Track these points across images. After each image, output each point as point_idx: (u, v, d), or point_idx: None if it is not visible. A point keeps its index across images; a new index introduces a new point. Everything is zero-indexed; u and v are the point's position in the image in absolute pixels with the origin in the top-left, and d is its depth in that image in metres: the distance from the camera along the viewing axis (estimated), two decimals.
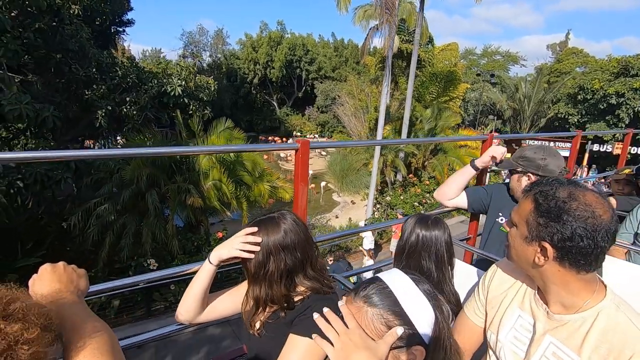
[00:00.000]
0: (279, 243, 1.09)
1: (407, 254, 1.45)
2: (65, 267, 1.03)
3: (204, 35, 40.78)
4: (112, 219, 7.88)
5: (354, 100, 25.72)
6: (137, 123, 9.42)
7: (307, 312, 1.10)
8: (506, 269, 1.16)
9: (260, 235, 1.10)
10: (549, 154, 1.77)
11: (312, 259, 1.16)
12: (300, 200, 1.42)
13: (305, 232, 1.15)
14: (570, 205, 0.86)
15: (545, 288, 0.97)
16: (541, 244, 0.89)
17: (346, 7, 11.94)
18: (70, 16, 9.39)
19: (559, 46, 41.31)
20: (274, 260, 1.09)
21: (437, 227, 1.48)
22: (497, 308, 1.11)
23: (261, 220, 1.15)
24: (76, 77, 9.57)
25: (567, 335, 0.91)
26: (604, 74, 23.21)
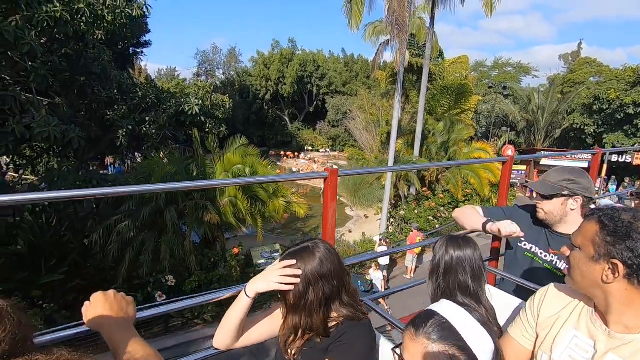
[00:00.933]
0: (316, 272, 1.12)
1: (444, 272, 1.49)
2: (116, 295, 1.11)
3: (217, 53, 41.95)
4: (132, 236, 8.05)
5: (365, 114, 25.91)
6: (156, 142, 9.71)
7: (343, 338, 1.14)
8: (559, 291, 1.18)
9: (298, 266, 1.14)
10: (585, 177, 1.76)
11: (346, 286, 1.20)
12: (329, 226, 1.48)
13: (339, 260, 1.19)
14: (637, 225, 0.91)
15: (607, 308, 0.99)
16: (611, 261, 0.93)
17: (357, 25, 12.19)
18: (94, 41, 9.86)
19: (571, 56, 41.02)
20: (313, 289, 1.12)
21: (469, 246, 1.52)
22: (549, 329, 1.13)
23: (297, 251, 1.18)
24: (98, 98, 9.98)
25: (631, 354, 0.93)
26: (620, 84, 22.86)
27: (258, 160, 10.21)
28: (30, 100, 7.02)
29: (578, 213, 1.73)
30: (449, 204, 15.13)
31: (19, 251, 7.55)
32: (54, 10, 6.37)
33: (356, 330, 1.16)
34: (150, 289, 7.80)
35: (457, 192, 15.11)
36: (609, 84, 24.18)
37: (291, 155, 34.48)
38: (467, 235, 1.60)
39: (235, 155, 9.31)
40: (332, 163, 31.59)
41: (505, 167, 2.16)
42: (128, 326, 1.04)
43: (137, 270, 8.02)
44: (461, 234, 1.61)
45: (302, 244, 1.21)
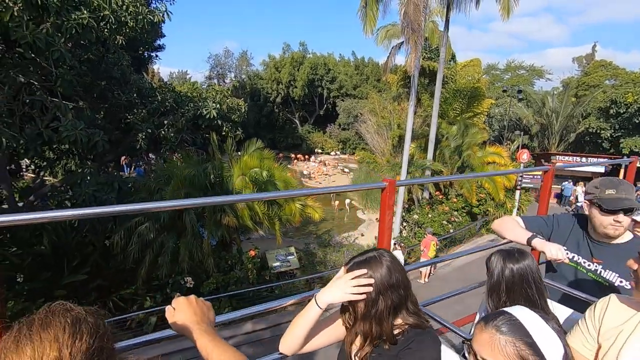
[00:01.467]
0: (386, 281, 1.15)
1: (507, 289, 1.49)
2: (197, 300, 1.16)
3: (229, 57, 42.41)
4: (151, 238, 8.19)
5: (376, 117, 25.88)
6: (174, 145, 9.87)
7: (412, 345, 1.17)
8: (621, 302, 1.19)
9: (369, 274, 1.17)
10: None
11: (410, 295, 1.24)
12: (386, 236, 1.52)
13: (403, 269, 1.22)
14: None
15: None
16: None
17: (372, 30, 12.25)
18: (115, 46, 10.08)
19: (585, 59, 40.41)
20: (383, 298, 1.15)
21: (525, 257, 1.52)
22: (613, 340, 1.15)
23: (365, 260, 1.21)
24: (118, 102, 10.19)
25: None
26: (637, 87, 22.47)
27: (273, 163, 10.30)
28: (57, 105, 7.20)
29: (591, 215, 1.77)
30: (462, 208, 15.03)
31: (43, 251, 7.74)
32: (81, 18, 6.54)
33: (424, 338, 1.19)
34: (169, 290, 7.92)
35: (471, 197, 15.00)
36: (625, 87, 23.77)
37: (301, 157, 34.59)
38: (520, 248, 1.61)
39: (252, 159, 9.40)
40: (342, 166, 31.59)
41: (546, 176, 2.16)
42: (212, 331, 1.09)
43: (156, 272, 8.15)
44: (514, 248, 1.62)
45: (367, 253, 1.24)
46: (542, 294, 1.51)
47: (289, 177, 10.18)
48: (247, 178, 9.04)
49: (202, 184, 8.87)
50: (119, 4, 7.87)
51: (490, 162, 16.39)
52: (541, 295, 1.51)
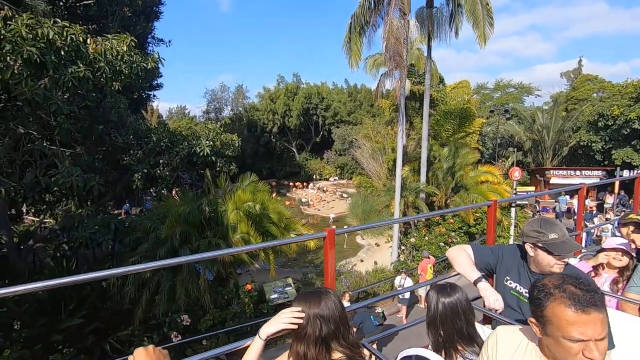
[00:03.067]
0: (317, 312, 1.36)
1: (441, 321, 1.69)
2: (155, 350, 1.33)
3: (225, 91, 43.67)
4: (147, 277, 8.27)
5: (370, 142, 26.38)
6: (169, 183, 10.14)
7: None
8: (508, 333, 1.36)
9: (303, 304, 1.38)
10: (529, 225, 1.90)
11: (344, 334, 1.41)
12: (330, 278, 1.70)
13: (341, 312, 1.41)
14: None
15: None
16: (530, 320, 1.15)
17: (357, 63, 12.81)
18: (111, 92, 10.57)
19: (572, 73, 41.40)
20: (312, 325, 1.35)
21: (456, 291, 1.74)
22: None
23: (308, 293, 1.45)
24: (115, 144, 10.56)
25: None
26: (623, 99, 23.01)
27: (267, 196, 10.51)
28: (54, 152, 7.52)
29: (537, 256, 1.88)
30: (459, 229, 15.07)
31: (40, 297, 7.81)
32: (77, 71, 6.98)
33: None
34: (166, 329, 7.91)
35: (468, 217, 15.08)
36: (612, 99, 24.34)
37: (300, 185, 34.86)
38: (452, 283, 1.81)
39: (245, 193, 9.63)
40: (340, 191, 31.79)
41: (490, 210, 2.35)
42: None
43: (153, 311, 8.17)
44: (447, 283, 1.82)
45: (317, 289, 1.48)
46: (470, 323, 1.70)
47: (282, 208, 10.36)
48: (241, 212, 9.23)
49: (197, 220, 9.05)
50: (114, 55, 8.37)
51: (483, 181, 16.60)
52: (470, 324, 1.70)
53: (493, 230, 2.36)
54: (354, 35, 12.45)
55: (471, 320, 1.71)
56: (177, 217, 8.62)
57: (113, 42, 8.22)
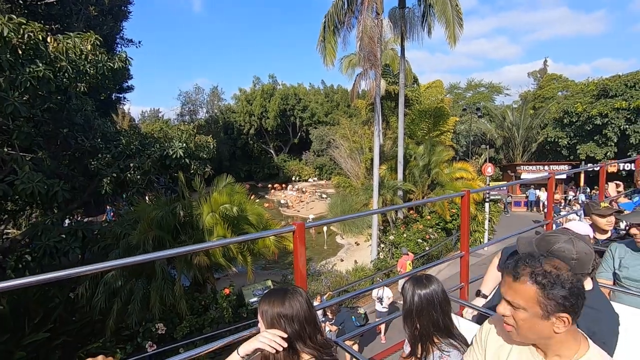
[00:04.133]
0: (277, 312, 1.29)
1: (417, 313, 1.65)
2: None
3: (200, 93, 42.82)
4: (119, 285, 7.91)
5: (348, 142, 26.51)
6: (140, 187, 9.75)
7: None
8: (499, 325, 1.31)
9: (267, 303, 1.31)
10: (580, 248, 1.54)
11: (310, 334, 1.33)
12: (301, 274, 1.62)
13: (307, 311, 1.33)
14: (563, 276, 1.05)
15: (547, 347, 1.13)
16: (559, 316, 1.05)
17: (332, 61, 12.82)
18: (77, 93, 10.07)
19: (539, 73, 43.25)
20: (275, 325, 1.28)
21: (432, 283, 1.71)
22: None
23: (273, 290, 1.38)
24: (82, 148, 10.05)
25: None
26: (585, 97, 24.20)
27: (245, 197, 10.32)
28: (13, 158, 7.07)
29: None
30: (437, 225, 15.34)
31: (1, 312, 7.32)
32: (36, 71, 6.59)
33: None
34: (140, 339, 7.59)
35: (445, 213, 15.38)
36: (575, 97, 25.56)
37: (279, 187, 34.61)
38: (428, 274, 1.78)
39: (221, 195, 9.40)
40: (320, 192, 31.77)
41: (463, 201, 2.36)
42: None
43: (125, 321, 7.81)
44: (423, 275, 1.78)
45: (284, 287, 1.39)
46: (447, 314, 1.68)
47: (260, 209, 10.20)
48: (218, 215, 9.00)
49: (171, 224, 8.76)
50: (77, 54, 7.97)
51: (458, 177, 16.98)
52: (446, 316, 1.67)
53: (467, 221, 2.37)
54: (328, 34, 12.46)
55: (447, 312, 1.69)
56: (149, 222, 8.30)
57: (76, 40, 7.83)
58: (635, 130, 21.29)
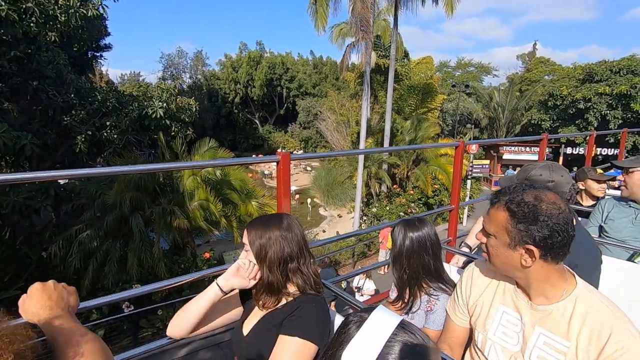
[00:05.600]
0: (279, 234, 1.21)
1: (407, 256, 1.57)
2: (55, 285, 1.06)
3: (183, 57, 40.98)
4: (95, 246, 7.69)
5: (335, 115, 26.14)
6: (118, 147, 9.34)
7: (296, 312, 1.16)
8: (482, 268, 1.23)
9: (262, 227, 1.22)
10: (556, 174, 1.61)
11: (305, 259, 1.24)
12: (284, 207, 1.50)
13: (301, 234, 1.26)
14: (541, 207, 0.95)
15: (528, 285, 1.04)
16: (526, 247, 0.97)
17: (323, 26, 12.32)
18: (47, 43, 9.35)
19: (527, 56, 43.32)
20: (274, 245, 1.20)
21: (424, 225, 1.62)
22: (480, 308, 1.18)
23: (265, 216, 1.30)
24: (54, 103, 9.46)
25: (553, 324, 1.00)
26: (571, 81, 24.45)
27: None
28: None
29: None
30: (419, 200, 15.56)
31: None
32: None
33: (309, 305, 1.19)
34: None
35: (427, 188, 15.56)
36: (561, 81, 25.80)
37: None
38: (420, 217, 1.68)
39: (204, 158, 9.11)
40: (305, 165, 31.59)
41: (456, 152, 2.27)
42: (68, 315, 0.99)
43: (102, 282, 7.66)
44: (415, 217, 1.69)
45: (271, 214, 1.33)
46: (438, 258, 1.60)
47: (244, 175, 9.98)
48: (199, 178, 8.76)
49: (150, 186, 8.47)
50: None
51: (443, 154, 17.10)
52: (437, 259, 1.60)
53: (459, 173, 2.28)
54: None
55: (438, 255, 1.61)
56: (126, 183, 7.99)
57: None
58: (615, 116, 21.78)
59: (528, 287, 1.05)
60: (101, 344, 0.90)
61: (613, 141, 21.42)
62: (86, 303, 1.23)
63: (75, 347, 0.86)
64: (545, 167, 1.63)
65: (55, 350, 0.87)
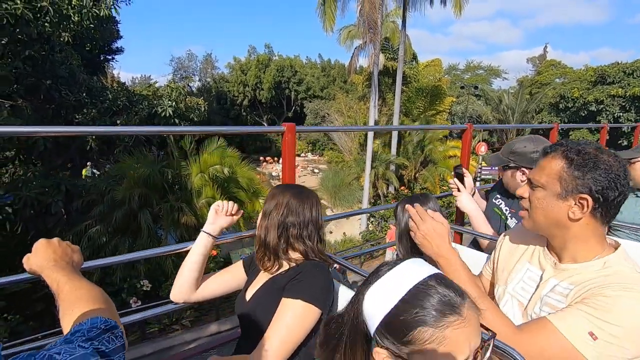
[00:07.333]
0: (288, 201, 1.23)
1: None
2: (60, 242, 1.07)
3: (193, 60, 41.50)
4: (103, 241, 7.78)
5: (343, 117, 26.17)
6: (128, 145, 9.47)
7: (299, 277, 1.16)
8: (514, 233, 1.20)
9: (281, 191, 1.27)
10: (540, 145, 1.63)
11: (311, 233, 1.24)
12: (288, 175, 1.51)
13: (314, 215, 1.26)
14: (602, 157, 0.89)
15: (563, 244, 0.98)
16: (580, 196, 0.90)
17: (331, 27, 12.38)
18: (60, 43, 9.55)
19: (538, 59, 42.90)
20: (279, 208, 1.22)
21: (428, 200, 1.59)
22: (505, 263, 1.16)
23: (294, 186, 1.34)
24: (66, 102, 9.64)
25: (570, 275, 0.95)
26: (583, 83, 24.12)
27: (237, 160, 10.11)
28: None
29: None
30: None
31: None
32: (14, 8, 6.14)
33: (313, 269, 1.18)
34: (125, 295, 7.54)
35: (435, 189, 15.44)
36: (572, 83, 25.47)
37: (270, 160, 34.35)
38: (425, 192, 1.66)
39: (212, 156, 9.18)
40: (312, 167, 31.62)
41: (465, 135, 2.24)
42: (71, 269, 1.00)
43: (110, 277, 7.73)
44: (418, 194, 1.66)
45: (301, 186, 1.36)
46: None
47: (252, 174, 10.03)
48: (207, 176, 8.82)
49: (159, 183, 8.56)
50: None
51: (451, 155, 16.96)
52: None
53: (467, 156, 2.25)
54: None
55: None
56: (135, 180, 8.09)
57: None
58: (629, 119, 21.39)
59: (562, 247, 0.99)
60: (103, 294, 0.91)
61: (626, 144, 21.02)
62: (90, 262, 1.23)
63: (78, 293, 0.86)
64: (529, 139, 1.69)
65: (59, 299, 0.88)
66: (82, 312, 0.79)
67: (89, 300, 0.83)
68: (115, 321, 0.73)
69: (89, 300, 0.83)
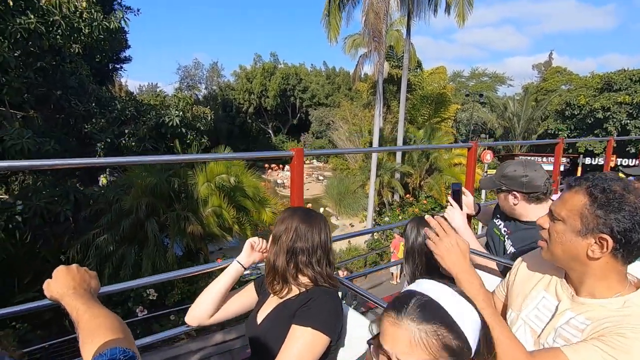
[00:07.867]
0: (297, 226, 1.26)
1: (420, 252, 1.54)
2: (78, 269, 1.11)
3: (199, 68, 42.01)
4: (110, 250, 7.85)
5: (347, 124, 26.25)
6: (136, 154, 9.58)
7: (309, 304, 1.17)
8: (531, 260, 1.18)
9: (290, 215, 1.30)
10: (530, 169, 1.69)
11: (320, 259, 1.27)
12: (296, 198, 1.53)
13: (323, 239, 1.29)
14: (628, 198, 0.86)
15: (581, 280, 0.96)
16: (600, 236, 0.87)
17: (336, 38, 12.50)
18: (71, 55, 9.75)
19: (543, 66, 42.79)
20: (288, 233, 1.25)
21: None
22: (521, 288, 1.14)
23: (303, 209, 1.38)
24: (76, 112, 9.82)
25: (587, 310, 0.93)
26: (589, 90, 23.97)
27: (243, 170, 10.17)
28: (2, 114, 6.85)
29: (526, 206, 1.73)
30: (432, 209, 15.35)
31: None
32: (28, 22, 6.30)
33: (322, 296, 1.20)
34: (131, 304, 7.58)
35: (441, 198, 15.37)
36: (579, 90, 25.32)
37: (275, 167, 34.46)
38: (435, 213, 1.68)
39: (218, 165, 9.25)
40: (317, 174, 31.68)
41: (469, 153, 2.26)
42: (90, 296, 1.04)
43: None
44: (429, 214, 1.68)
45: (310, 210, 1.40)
46: None
47: (258, 183, 10.09)
48: (213, 185, 8.89)
49: (165, 192, 8.64)
50: (71, 10, 7.64)
51: (457, 163, 16.91)
52: None
53: (472, 174, 2.26)
54: (333, 7, 12.09)
55: None
56: (143, 189, 8.18)
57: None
58: (636, 126, 21.20)
59: (580, 282, 0.97)
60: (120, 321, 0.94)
61: (634, 151, 20.80)
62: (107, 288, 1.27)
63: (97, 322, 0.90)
64: (519, 163, 1.73)
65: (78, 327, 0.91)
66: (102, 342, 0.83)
67: (108, 329, 0.87)
68: (133, 351, 0.76)
69: (107, 329, 0.87)
